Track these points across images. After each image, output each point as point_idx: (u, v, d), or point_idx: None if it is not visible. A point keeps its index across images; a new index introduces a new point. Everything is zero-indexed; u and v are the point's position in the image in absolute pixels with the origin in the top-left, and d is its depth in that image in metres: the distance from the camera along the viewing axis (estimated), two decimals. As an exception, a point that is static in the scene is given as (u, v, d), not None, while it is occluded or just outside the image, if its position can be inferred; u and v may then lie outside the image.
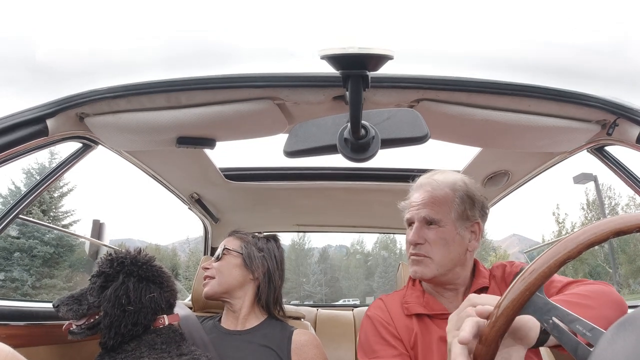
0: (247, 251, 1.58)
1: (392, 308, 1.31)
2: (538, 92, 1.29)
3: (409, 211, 1.32)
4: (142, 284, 1.29)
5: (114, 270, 1.29)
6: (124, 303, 1.24)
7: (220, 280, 1.53)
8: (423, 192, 1.31)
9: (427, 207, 1.27)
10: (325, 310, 2.80)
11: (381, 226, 3.00)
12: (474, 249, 1.31)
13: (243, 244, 1.60)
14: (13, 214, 1.36)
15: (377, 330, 1.25)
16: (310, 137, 0.93)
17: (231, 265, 1.55)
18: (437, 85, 1.27)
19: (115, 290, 1.25)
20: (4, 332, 1.23)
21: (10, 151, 1.18)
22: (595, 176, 19.57)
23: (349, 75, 0.77)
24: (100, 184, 67.46)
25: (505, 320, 0.71)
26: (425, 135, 0.91)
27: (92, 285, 1.29)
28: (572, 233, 0.70)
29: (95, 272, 1.31)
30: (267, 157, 2.71)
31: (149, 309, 1.28)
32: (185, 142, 1.46)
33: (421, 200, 1.29)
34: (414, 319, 1.25)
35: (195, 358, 1.24)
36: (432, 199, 1.28)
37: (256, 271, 1.56)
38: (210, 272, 1.57)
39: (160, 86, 1.28)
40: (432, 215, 1.26)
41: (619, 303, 0.99)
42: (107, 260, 1.32)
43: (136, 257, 1.34)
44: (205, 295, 1.55)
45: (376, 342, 1.23)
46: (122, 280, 1.27)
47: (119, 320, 1.22)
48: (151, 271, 1.33)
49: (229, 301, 1.55)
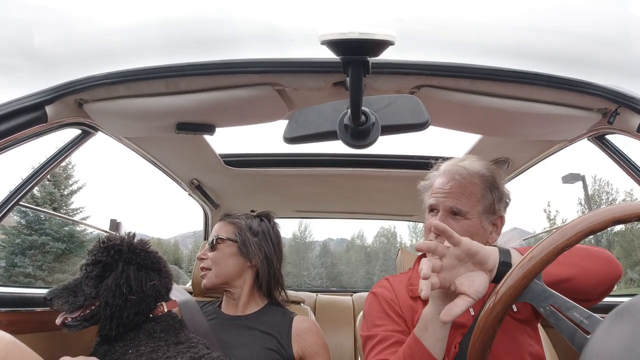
0: (242, 238, 1.53)
1: (398, 288, 1.31)
2: (539, 80, 1.28)
3: (434, 197, 1.27)
4: (142, 272, 1.27)
5: (112, 258, 1.25)
6: (125, 292, 1.21)
7: (217, 271, 1.50)
8: (451, 180, 1.26)
9: (454, 197, 1.24)
10: (325, 296, 2.83)
11: (381, 213, 3.01)
12: (493, 242, 1.28)
13: (237, 230, 1.55)
14: (13, 201, 1.36)
15: (381, 306, 1.26)
16: (310, 124, 0.93)
17: (226, 255, 1.51)
18: (438, 71, 1.26)
19: (116, 279, 1.22)
20: (4, 318, 1.24)
21: (9, 138, 1.17)
22: (583, 176, 19.75)
23: (350, 61, 0.77)
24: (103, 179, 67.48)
25: (503, 307, 0.72)
26: (425, 122, 0.91)
27: (87, 275, 1.24)
28: (571, 222, 0.71)
29: (89, 260, 1.26)
30: (266, 143, 2.71)
31: (151, 297, 1.26)
32: (184, 128, 1.45)
33: (449, 189, 1.25)
34: (418, 301, 1.25)
35: (193, 345, 1.21)
36: (460, 188, 1.24)
37: (253, 258, 1.52)
38: (206, 264, 1.53)
39: (159, 72, 1.27)
40: (459, 206, 1.22)
41: (608, 260, 1.00)
42: (103, 247, 1.27)
43: (132, 243, 1.30)
44: (204, 287, 1.53)
45: (379, 317, 1.24)
46: (122, 269, 1.24)
47: (121, 310, 1.19)
48: (149, 258, 1.31)
49: (229, 290, 1.53)
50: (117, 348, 1.19)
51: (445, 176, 1.29)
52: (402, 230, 47.52)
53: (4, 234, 21.38)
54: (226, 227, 1.57)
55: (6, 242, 21.59)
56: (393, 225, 45.19)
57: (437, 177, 1.32)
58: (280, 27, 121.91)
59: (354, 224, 55.95)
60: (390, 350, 1.14)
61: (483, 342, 0.74)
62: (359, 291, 3.04)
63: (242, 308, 1.52)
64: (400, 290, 1.30)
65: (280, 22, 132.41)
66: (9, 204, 1.35)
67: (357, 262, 44.41)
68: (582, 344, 0.64)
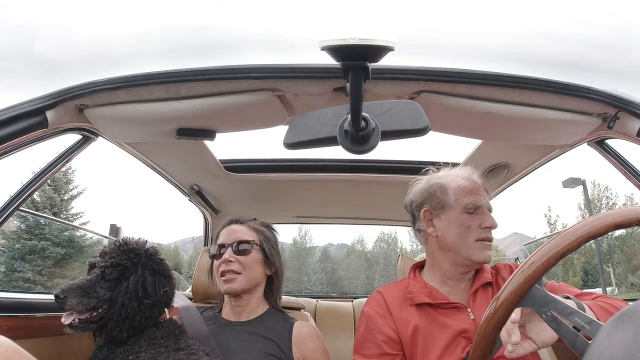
0: (268, 246, 1.52)
1: (391, 300, 1.34)
2: (539, 85, 1.28)
3: (475, 195, 1.33)
4: (156, 277, 1.28)
5: (131, 262, 1.25)
6: (141, 296, 1.22)
7: (249, 276, 1.46)
8: (475, 183, 1.36)
9: (485, 197, 1.34)
10: (325, 302, 2.82)
11: (382, 218, 3.00)
12: None
13: (261, 237, 1.53)
14: (14, 206, 1.36)
15: (369, 327, 1.31)
16: (310, 129, 0.93)
17: (256, 261, 1.49)
18: (438, 77, 1.26)
19: (135, 282, 1.22)
20: (4, 324, 1.23)
21: (10, 143, 1.17)
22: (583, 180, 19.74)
23: (350, 67, 0.77)
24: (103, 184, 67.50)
25: (504, 312, 0.71)
26: (425, 127, 0.91)
27: (104, 276, 1.22)
28: (571, 226, 0.70)
29: (108, 263, 1.23)
30: (267, 148, 2.71)
31: (163, 302, 1.28)
32: (185, 133, 1.45)
33: (481, 190, 1.34)
34: (414, 309, 1.29)
35: (193, 352, 1.21)
36: (483, 190, 1.35)
37: (273, 266, 1.53)
38: (236, 267, 1.46)
39: (160, 77, 1.27)
40: (490, 206, 1.34)
41: None
42: (122, 250, 1.26)
43: (149, 249, 1.32)
44: (230, 292, 1.46)
45: (367, 347, 1.30)
46: (140, 273, 1.25)
47: (135, 313, 1.20)
48: (162, 265, 1.33)
49: (244, 296, 1.49)
50: (118, 353, 1.19)
51: (467, 179, 1.37)
52: (403, 236, 47.49)
53: (4, 239, 21.37)
54: (251, 233, 1.54)
55: (6, 246, 21.58)
56: (394, 231, 45.18)
57: (460, 179, 1.36)
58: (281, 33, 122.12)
59: (354, 229, 55.93)
60: None
61: (484, 349, 0.73)
62: (360, 297, 3.03)
63: (247, 315, 1.51)
64: (394, 302, 1.33)
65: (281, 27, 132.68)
66: (9, 209, 1.35)
67: (358, 267, 44.31)
68: (583, 349, 0.64)
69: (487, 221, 1.30)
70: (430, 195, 1.37)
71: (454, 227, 1.31)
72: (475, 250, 1.29)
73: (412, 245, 41.22)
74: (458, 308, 1.27)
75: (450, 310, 1.27)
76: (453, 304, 1.28)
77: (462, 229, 1.30)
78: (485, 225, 1.30)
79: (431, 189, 1.37)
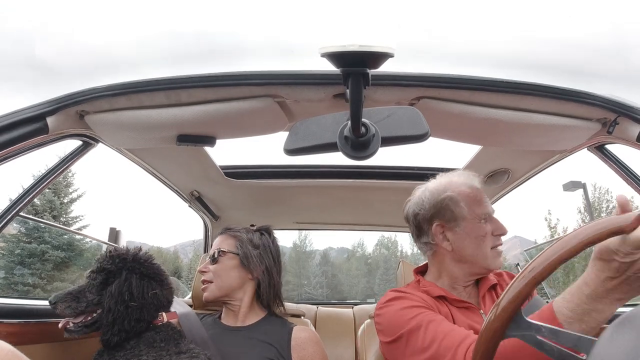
0: (244, 251, 1.53)
1: (410, 295, 1.28)
2: (539, 90, 1.29)
3: (485, 203, 1.32)
4: (144, 280, 1.30)
5: (116, 266, 1.29)
6: (126, 299, 1.23)
7: (219, 284, 1.50)
8: (480, 190, 1.35)
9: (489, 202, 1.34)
10: (325, 308, 2.81)
11: (382, 224, 3.00)
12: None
13: (238, 243, 1.55)
14: (14, 211, 1.36)
15: (407, 304, 1.22)
16: (310, 135, 0.93)
17: (228, 268, 1.52)
18: (437, 83, 1.27)
19: (119, 286, 1.25)
20: (4, 329, 1.23)
21: (10, 149, 1.18)
22: (584, 184, 19.69)
23: (350, 73, 0.77)
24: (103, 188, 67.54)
25: (507, 317, 0.71)
26: (425, 133, 0.91)
27: (91, 282, 1.28)
28: (572, 232, 0.70)
29: (95, 269, 1.30)
30: (267, 155, 2.72)
31: (152, 305, 1.28)
32: (185, 139, 1.46)
33: (486, 196, 1.34)
34: (433, 300, 1.26)
35: (194, 356, 1.22)
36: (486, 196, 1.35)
37: (255, 271, 1.53)
38: (208, 276, 1.53)
39: (160, 84, 1.28)
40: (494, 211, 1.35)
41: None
42: (109, 256, 1.31)
43: (137, 254, 1.34)
44: (206, 300, 1.52)
45: (410, 310, 1.19)
46: (125, 277, 1.27)
47: (122, 316, 1.22)
48: (152, 269, 1.34)
49: (229, 302, 1.53)
50: (118, 358, 1.20)
51: (474, 189, 1.35)
52: (403, 240, 47.38)
53: (4, 242, 21.31)
54: (228, 241, 1.57)
55: (5, 250, 21.52)
56: (394, 235, 45.00)
57: (468, 188, 1.34)
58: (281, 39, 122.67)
59: (355, 234, 55.72)
60: (447, 323, 1.12)
61: (485, 354, 0.73)
62: (361, 304, 3.02)
63: (242, 319, 1.52)
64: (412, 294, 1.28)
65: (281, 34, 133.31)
66: (9, 214, 1.35)
67: (358, 272, 44.14)
68: (587, 350, 0.64)
69: (500, 228, 1.30)
70: (441, 209, 1.31)
71: (471, 239, 1.27)
72: (492, 258, 1.28)
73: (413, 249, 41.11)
74: (470, 309, 1.26)
75: (463, 310, 1.26)
76: (466, 303, 1.27)
77: (479, 239, 1.27)
78: (498, 233, 1.29)
79: (442, 203, 1.31)
